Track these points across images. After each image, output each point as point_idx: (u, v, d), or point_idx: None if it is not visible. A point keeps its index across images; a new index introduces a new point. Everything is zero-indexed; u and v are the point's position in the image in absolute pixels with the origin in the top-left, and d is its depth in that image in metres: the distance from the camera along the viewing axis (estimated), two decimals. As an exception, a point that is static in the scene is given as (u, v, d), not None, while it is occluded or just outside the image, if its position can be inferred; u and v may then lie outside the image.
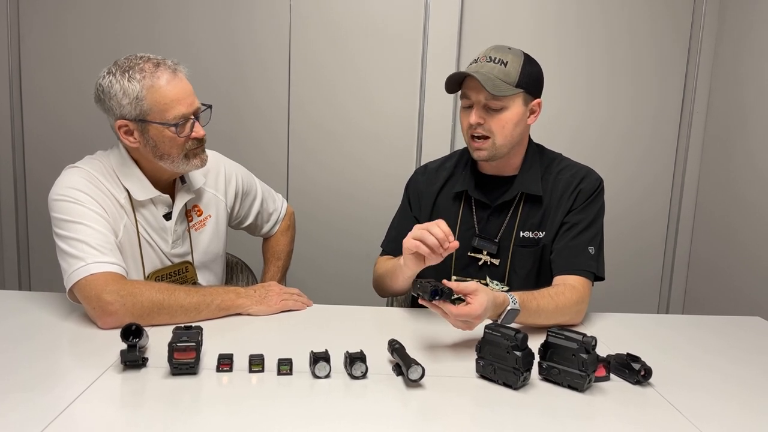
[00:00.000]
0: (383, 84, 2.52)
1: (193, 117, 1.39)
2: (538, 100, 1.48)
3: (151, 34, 2.47)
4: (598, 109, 2.55)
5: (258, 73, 2.51)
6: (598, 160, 1.57)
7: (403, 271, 1.39)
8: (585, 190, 1.49)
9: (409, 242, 1.30)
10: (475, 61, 1.44)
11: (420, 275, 1.60)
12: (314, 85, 2.52)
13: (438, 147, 2.47)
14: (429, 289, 1.15)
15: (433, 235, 1.26)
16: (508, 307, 1.24)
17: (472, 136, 1.45)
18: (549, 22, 2.49)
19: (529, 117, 1.47)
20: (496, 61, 1.41)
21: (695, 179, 2.59)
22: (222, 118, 1.51)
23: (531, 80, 1.44)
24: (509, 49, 1.45)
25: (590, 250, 1.45)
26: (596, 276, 1.46)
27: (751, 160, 2.24)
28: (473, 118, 1.42)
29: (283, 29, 2.48)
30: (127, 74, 1.34)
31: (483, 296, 1.18)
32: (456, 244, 1.28)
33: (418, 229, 1.29)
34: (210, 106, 1.45)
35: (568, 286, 1.40)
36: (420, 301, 1.20)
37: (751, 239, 2.22)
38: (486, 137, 1.43)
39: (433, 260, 1.30)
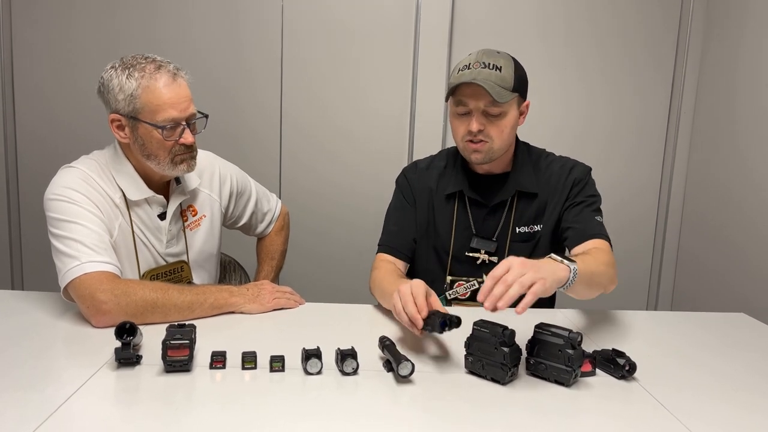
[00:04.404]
0: (374, 85, 2.53)
1: (184, 123, 1.40)
2: (527, 101, 1.50)
3: (143, 30, 2.48)
4: (587, 108, 2.58)
5: (249, 74, 2.52)
6: (586, 159, 1.60)
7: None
8: (577, 178, 1.53)
9: (395, 307, 1.23)
10: (467, 66, 1.41)
11: (410, 274, 1.61)
12: (306, 87, 2.53)
13: (429, 148, 2.46)
14: (437, 323, 1.13)
15: (408, 313, 1.18)
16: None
17: (470, 140, 1.44)
18: (539, 23, 2.51)
19: (519, 118, 1.49)
20: (491, 67, 1.39)
21: (683, 178, 2.62)
22: (214, 118, 1.52)
23: (522, 83, 1.46)
24: (498, 53, 1.44)
25: (598, 219, 1.48)
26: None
27: (739, 158, 2.27)
28: (475, 125, 1.41)
29: (275, 30, 2.49)
30: (127, 71, 1.36)
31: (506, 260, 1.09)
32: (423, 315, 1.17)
33: (399, 302, 1.20)
34: (206, 116, 1.46)
35: (593, 248, 1.37)
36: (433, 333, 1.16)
37: (739, 236, 2.25)
38: (483, 141, 1.44)
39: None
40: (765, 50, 2.14)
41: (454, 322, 1.13)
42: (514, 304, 1.05)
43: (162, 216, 1.51)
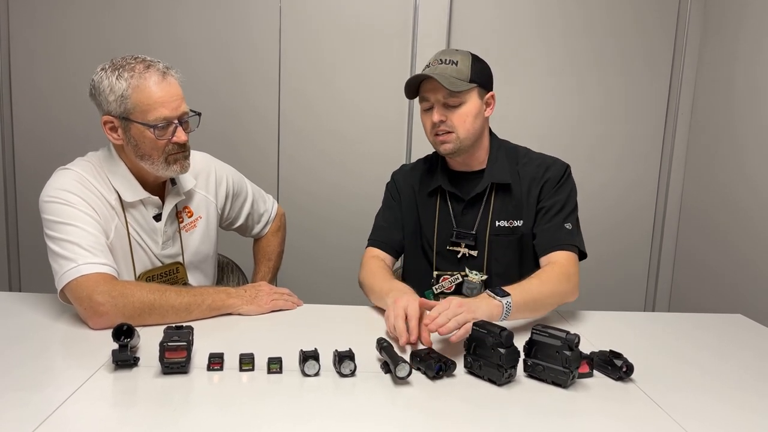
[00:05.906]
0: (373, 88, 2.54)
1: (176, 121, 1.40)
2: (491, 93, 1.55)
3: (141, 32, 2.48)
4: (585, 108, 2.58)
5: (247, 76, 2.52)
6: (584, 159, 1.61)
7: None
8: (552, 178, 1.56)
9: (387, 317, 1.31)
10: (427, 66, 1.51)
11: (404, 273, 1.62)
12: (304, 89, 2.54)
13: (427, 151, 2.47)
14: (433, 366, 1.12)
15: (396, 329, 1.25)
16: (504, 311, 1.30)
17: (437, 134, 1.51)
18: (536, 24, 2.52)
19: (486, 110, 1.54)
20: (447, 62, 1.49)
21: (680, 177, 2.63)
22: (212, 119, 1.52)
23: (482, 75, 1.52)
24: (457, 50, 1.53)
25: (567, 226, 1.52)
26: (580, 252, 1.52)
27: (736, 158, 2.27)
28: (436, 116, 1.49)
29: (272, 32, 2.49)
30: (117, 72, 1.36)
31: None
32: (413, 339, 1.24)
33: (392, 319, 1.28)
34: (199, 114, 1.46)
35: (551, 263, 1.48)
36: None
37: (737, 235, 2.26)
38: (449, 132, 1.50)
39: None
40: (762, 49, 2.14)
41: (450, 367, 1.14)
42: None
43: (157, 217, 1.51)
